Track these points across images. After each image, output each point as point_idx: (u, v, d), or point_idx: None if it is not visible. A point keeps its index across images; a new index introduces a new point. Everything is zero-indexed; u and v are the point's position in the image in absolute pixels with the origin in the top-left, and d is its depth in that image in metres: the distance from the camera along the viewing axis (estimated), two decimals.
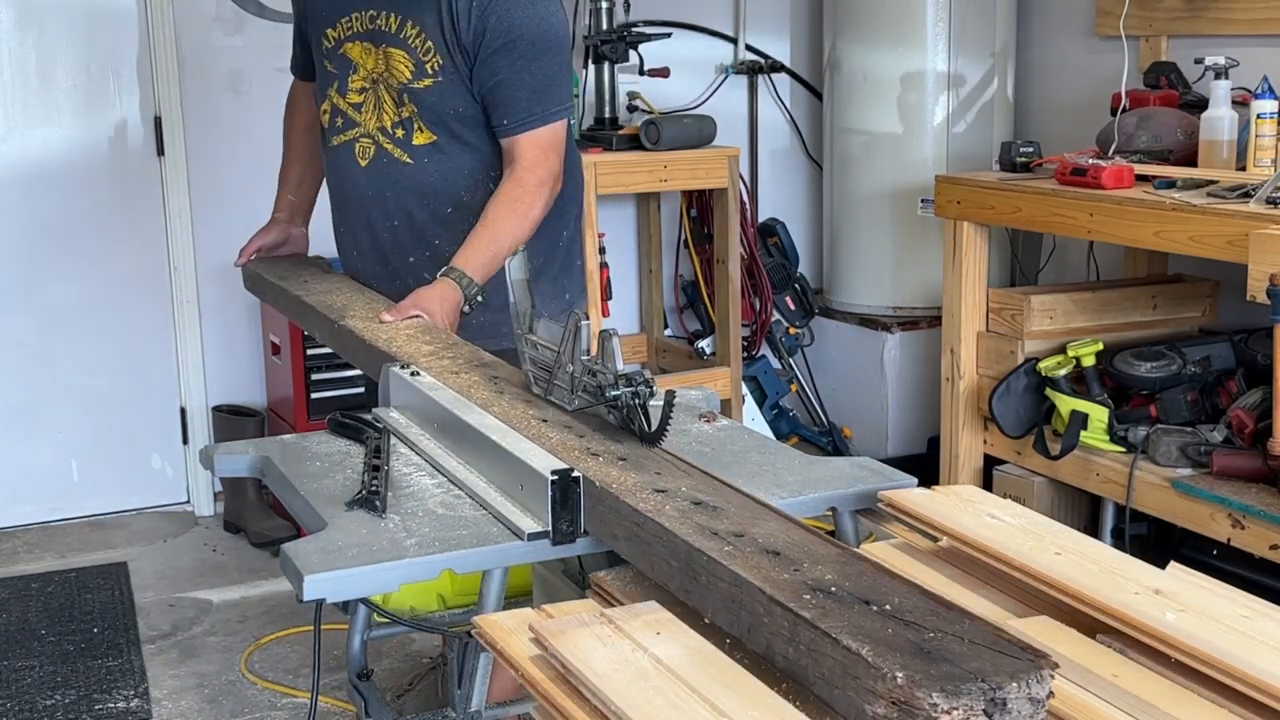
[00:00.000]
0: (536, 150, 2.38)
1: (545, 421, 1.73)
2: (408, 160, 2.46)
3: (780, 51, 4.97)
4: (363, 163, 2.50)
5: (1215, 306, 3.70)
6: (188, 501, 4.54)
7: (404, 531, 1.52)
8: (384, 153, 2.48)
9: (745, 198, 4.55)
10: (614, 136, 4.16)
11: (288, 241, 2.84)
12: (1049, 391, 3.43)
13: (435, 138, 2.43)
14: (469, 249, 2.32)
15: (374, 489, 1.62)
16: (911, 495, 1.57)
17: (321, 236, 4.48)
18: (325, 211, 2.76)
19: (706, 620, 1.26)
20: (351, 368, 4.18)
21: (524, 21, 2.34)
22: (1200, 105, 3.37)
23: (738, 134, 4.90)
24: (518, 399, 1.83)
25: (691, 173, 4.20)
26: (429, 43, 2.38)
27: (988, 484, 3.66)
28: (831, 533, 1.61)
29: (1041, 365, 3.44)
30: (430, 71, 2.40)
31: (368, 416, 1.94)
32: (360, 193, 2.53)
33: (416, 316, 2.23)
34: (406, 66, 2.42)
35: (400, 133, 2.45)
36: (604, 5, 4.28)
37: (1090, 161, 3.37)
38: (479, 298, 2.29)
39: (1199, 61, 3.42)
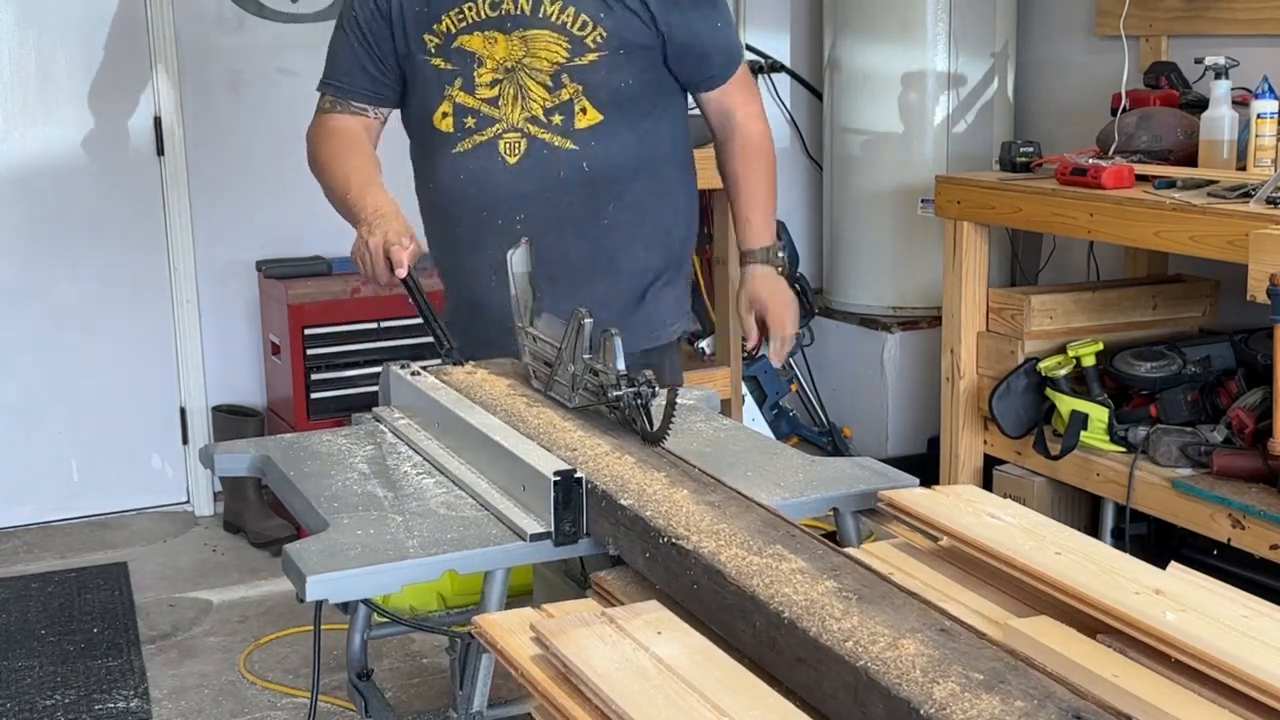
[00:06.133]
0: (748, 90, 2.36)
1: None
2: (571, 146, 2.27)
3: (780, 51, 4.97)
4: (511, 160, 2.27)
5: (1215, 306, 3.70)
6: (188, 501, 4.54)
7: (406, 532, 1.52)
8: (540, 143, 2.27)
9: None
10: None
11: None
12: (1049, 391, 3.43)
13: (602, 117, 2.26)
14: (757, 216, 2.37)
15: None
16: (912, 495, 1.57)
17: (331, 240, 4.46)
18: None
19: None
20: (352, 368, 4.20)
21: None
22: (1200, 105, 3.37)
23: None
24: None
25: None
26: (582, 16, 2.22)
27: (988, 484, 3.65)
28: (832, 534, 1.62)
29: (1041, 365, 3.44)
30: (593, 45, 2.23)
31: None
32: (507, 195, 2.28)
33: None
34: (559, 46, 2.23)
35: (558, 119, 2.26)
36: None
37: (1090, 161, 3.37)
38: (783, 258, 2.35)
39: (1199, 61, 3.42)
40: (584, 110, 2.26)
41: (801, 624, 1.16)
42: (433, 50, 2.28)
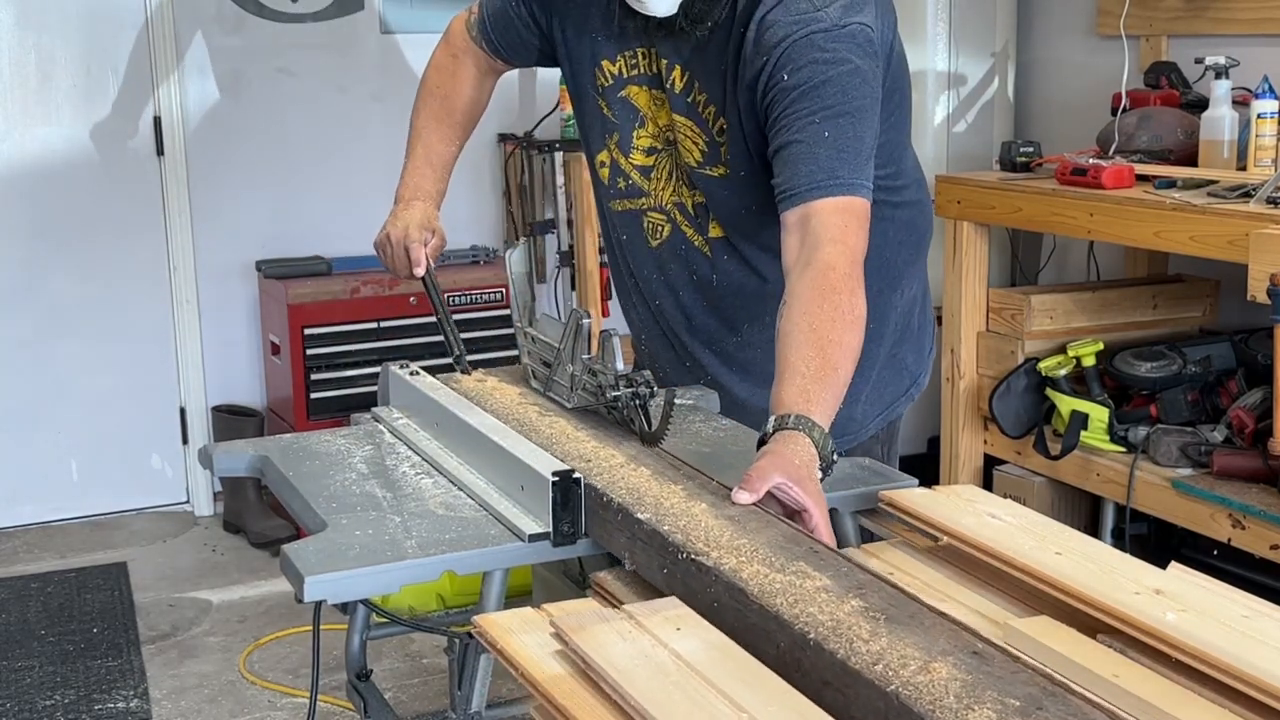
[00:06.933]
0: (842, 216, 1.74)
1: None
2: (707, 253, 2.03)
3: None
4: (653, 242, 2.07)
5: (1215, 306, 3.70)
6: (187, 501, 4.54)
7: (404, 532, 1.52)
8: (681, 236, 2.03)
9: None
10: None
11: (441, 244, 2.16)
12: (1049, 391, 3.43)
13: (725, 234, 2.01)
14: (807, 384, 1.59)
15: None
16: (912, 495, 1.57)
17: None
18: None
19: None
20: (352, 368, 4.19)
21: (825, 67, 1.79)
22: (1200, 105, 3.37)
23: None
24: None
25: None
26: (722, 121, 1.91)
27: (988, 484, 3.65)
28: None
29: (1042, 365, 3.44)
30: (724, 159, 1.93)
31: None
32: (647, 275, 2.11)
33: (784, 490, 1.47)
34: (696, 145, 1.95)
35: (700, 219, 2.01)
36: None
37: (1090, 161, 3.37)
38: (835, 455, 1.59)
39: (1199, 61, 3.42)
40: (714, 222, 2.01)
41: (828, 646, 1.12)
42: (601, 90, 2.02)
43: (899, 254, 2.11)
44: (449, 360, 2.08)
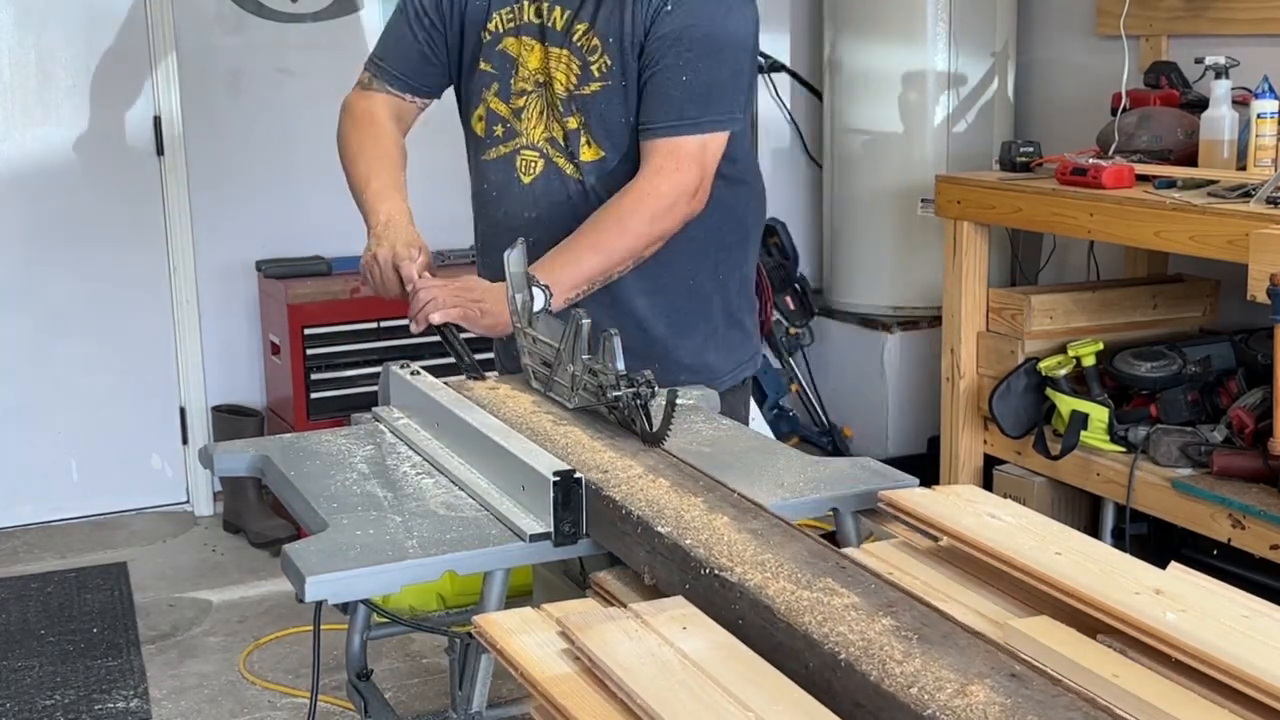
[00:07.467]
0: (672, 157, 2.06)
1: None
2: (579, 178, 2.16)
3: (780, 51, 4.97)
4: (525, 179, 2.18)
5: (1215, 306, 3.70)
6: (187, 501, 4.54)
7: (405, 532, 1.52)
8: (554, 168, 2.17)
9: None
10: None
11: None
12: (1049, 391, 3.43)
13: (603, 154, 2.14)
14: (548, 259, 2.01)
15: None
16: (912, 495, 1.57)
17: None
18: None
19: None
20: (352, 368, 4.19)
21: (703, 18, 2.07)
22: (1200, 105, 3.37)
23: None
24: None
25: None
26: (594, 40, 2.09)
27: (988, 484, 3.65)
28: (832, 534, 1.62)
29: (1042, 365, 3.44)
30: (597, 75, 2.10)
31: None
32: (520, 214, 2.19)
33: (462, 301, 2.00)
34: (571, 70, 2.12)
35: (571, 146, 2.15)
36: None
37: (1090, 161, 3.37)
38: (541, 310, 1.90)
39: (1199, 61, 3.42)
40: (587, 143, 2.14)
41: (860, 667, 1.08)
42: (481, 50, 2.19)
43: (747, 216, 2.31)
44: (452, 361, 2.07)
